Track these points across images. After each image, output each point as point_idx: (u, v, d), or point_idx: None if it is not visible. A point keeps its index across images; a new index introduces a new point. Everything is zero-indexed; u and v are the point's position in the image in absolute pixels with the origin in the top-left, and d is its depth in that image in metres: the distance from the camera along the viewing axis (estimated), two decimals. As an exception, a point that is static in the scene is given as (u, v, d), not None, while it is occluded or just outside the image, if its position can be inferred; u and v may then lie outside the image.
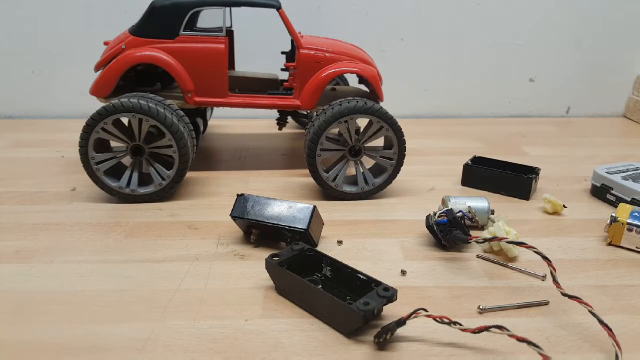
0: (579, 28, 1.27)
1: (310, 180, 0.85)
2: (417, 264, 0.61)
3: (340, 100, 0.78)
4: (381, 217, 0.74)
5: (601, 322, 0.47)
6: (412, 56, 1.25)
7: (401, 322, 0.47)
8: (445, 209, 0.64)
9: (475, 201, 0.70)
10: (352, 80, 0.99)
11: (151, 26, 0.78)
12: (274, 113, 1.01)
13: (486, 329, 0.45)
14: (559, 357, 0.46)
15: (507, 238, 0.57)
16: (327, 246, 0.65)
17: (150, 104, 0.72)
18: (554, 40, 1.27)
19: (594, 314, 0.48)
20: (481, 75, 1.29)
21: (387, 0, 1.21)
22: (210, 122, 1.18)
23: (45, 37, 1.18)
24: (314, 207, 0.63)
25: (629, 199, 0.77)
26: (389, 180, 0.80)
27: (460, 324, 0.46)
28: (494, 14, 1.24)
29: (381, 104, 0.86)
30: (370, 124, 0.77)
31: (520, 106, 1.32)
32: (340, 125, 0.76)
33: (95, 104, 0.84)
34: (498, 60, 1.28)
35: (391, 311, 0.51)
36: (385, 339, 0.46)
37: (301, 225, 0.61)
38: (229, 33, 0.94)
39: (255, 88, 0.90)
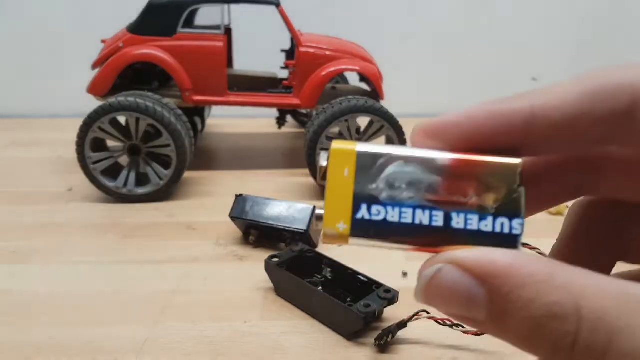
0: (581, 28, 1.26)
1: (310, 180, 0.84)
2: (419, 265, 0.60)
3: (340, 99, 0.77)
4: (382, 217, 0.73)
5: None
6: (413, 55, 1.25)
7: (402, 324, 0.46)
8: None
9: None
10: (353, 79, 0.98)
11: (149, 24, 0.77)
12: (274, 112, 1.01)
13: (489, 331, 0.44)
14: None
15: (509, 239, 0.56)
16: (327, 247, 0.64)
17: (147, 103, 0.71)
18: (556, 40, 1.26)
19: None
20: (483, 75, 1.28)
21: (387, -2, 1.20)
22: (208, 122, 1.17)
23: (42, 35, 1.17)
24: (314, 207, 0.62)
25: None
26: (389, 180, 0.79)
27: (462, 326, 0.45)
28: (496, 13, 1.23)
29: (382, 102, 0.85)
30: (371, 123, 0.76)
31: (521, 105, 1.32)
32: (340, 124, 0.75)
33: (93, 103, 0.83)
34: (500, 60, 1.27)
35: (392, 313, 0.50)
36: (386, 341, 0.46)
37: (301, 226, 0.60)
38: (228, 31, 0.93)
39: (255, 87, 0.89)
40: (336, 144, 0.18)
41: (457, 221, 0.17)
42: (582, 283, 0.13)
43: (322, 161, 0.18)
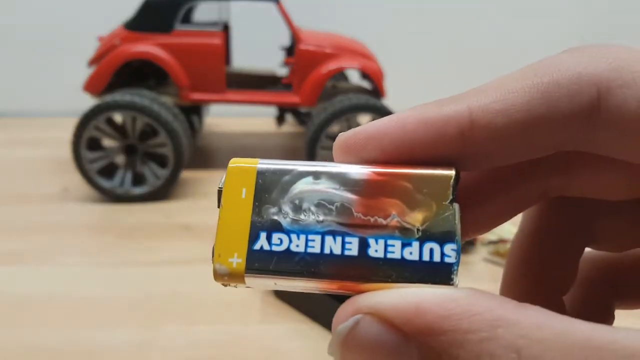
0: (582, 27, 1.25)
1: (310, 179, 0.83)
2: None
3: (341, 97, 0.76)
4: (383, 217, 0.72)
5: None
6: (415, 53, 1.24)
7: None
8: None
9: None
10: (354, 77, 0.97)
11: (145, 20, 0.76)
12: (273, 111, 0.99)
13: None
14: None
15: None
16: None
17: (144, 101, 0.69)
18: (559, 39, 1.25)
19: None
20: (487, 72, 1.27)
21: (388, -5, 1.19)
22: (207, 121, 1.16)
23: (38, 32, 1.16)
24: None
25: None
26: (391, 180, 0.78)
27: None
28: (498, 12, 1.22)
29: (383, 100, 0.84)
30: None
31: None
32: (341, 123, 0.74)
33: (89, 102, 0.82)
34: (504, 58, 1.26)
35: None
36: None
37: (301, 226, 0.59)
38: (226, 27, 0.92)
39: (254, 84, 0.88)
40: (234, 162, 0.15)
41: (375, 249, 0.13)
42: (531, 336, 0.11)
43: (220, 183, 0.15)
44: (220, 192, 0.15)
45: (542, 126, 0.13)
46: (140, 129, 0.71)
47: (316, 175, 0.14)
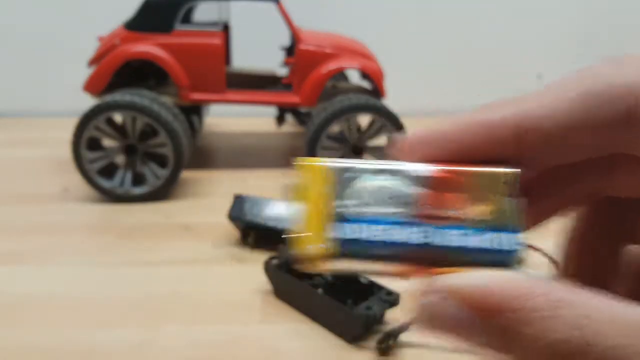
0: (585, 24, 1.25)
1: (310, 179, 0.83)
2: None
3: (340, 97, 0.76)
4: (383, 217, 0.72)
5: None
6: (415, 53, 1.23)
7: (405, 327, 0.45)
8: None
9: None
10: (354, 77, 0.97)
11: (145, 20, 0.76)
12: (273, 111, 0.99)
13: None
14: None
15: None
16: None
17: (144, 101, 0.70)
18: (561, 36, 1.25)
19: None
20: (487, 71, 1.27)
21: (388, -5, 1.19)
22: (207, 120, 1.16)
23: (38, 32, 1.16)
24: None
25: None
26: (390, 180, 0.78)
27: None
28: (500, 9, 1.22)
29: (384, 101, 0.84)
30: (372, 121, 0.75)
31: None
32: (341, 123, 0.74)
33: (89, 101, 0.82)
34: (504, 57, 1.26)
35: (394, 316, 0.49)
36: (388, 344, 0.45)
37: (301, 226, 0.59)
38: (226, 27, 0.92)
39: (254, 84, 0.88)
40: (302, 160, 0.17)
41: (445, 237, 0.15)
42: (592, 317, 0.12)
43: (294, 178, 0.17)
44: (289, 188, 0.17)
45: (583, 130, 0.15)
46: (140, 129, 0.71)
47: (385, 172, 0.16)
